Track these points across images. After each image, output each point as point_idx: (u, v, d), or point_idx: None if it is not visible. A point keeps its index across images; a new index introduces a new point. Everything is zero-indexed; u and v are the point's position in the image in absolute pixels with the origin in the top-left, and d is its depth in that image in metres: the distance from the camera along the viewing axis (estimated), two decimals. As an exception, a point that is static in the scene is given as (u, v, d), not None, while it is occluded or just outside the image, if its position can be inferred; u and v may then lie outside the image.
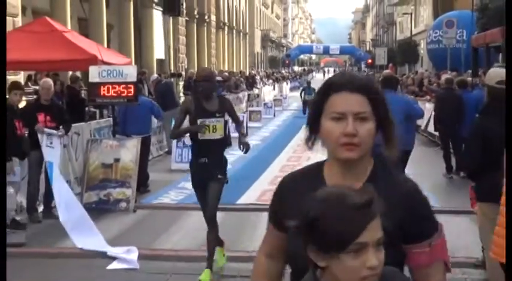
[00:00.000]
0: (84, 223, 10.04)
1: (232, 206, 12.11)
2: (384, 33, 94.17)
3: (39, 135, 10.64)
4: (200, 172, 7.84)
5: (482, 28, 27.61)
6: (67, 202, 10.39)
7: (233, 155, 18.86)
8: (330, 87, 2.52)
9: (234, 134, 22.16)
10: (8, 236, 9.95)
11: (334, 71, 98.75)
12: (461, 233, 9.25)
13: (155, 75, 25.19)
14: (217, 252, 8.01)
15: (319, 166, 2.72)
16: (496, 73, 7.01)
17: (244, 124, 24.79)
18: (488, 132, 5.81)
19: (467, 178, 7.61)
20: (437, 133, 16.87)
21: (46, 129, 10.74)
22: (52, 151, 10.71)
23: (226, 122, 8.15)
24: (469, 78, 18.63)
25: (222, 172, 8.00)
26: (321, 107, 2.52)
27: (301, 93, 29.49)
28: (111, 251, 9.09)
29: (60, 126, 11.05)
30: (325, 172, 2.63)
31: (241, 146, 8.51)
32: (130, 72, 13.29)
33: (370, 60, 74.43)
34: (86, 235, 9.71)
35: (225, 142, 8.54)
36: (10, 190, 10.72)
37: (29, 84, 20.32)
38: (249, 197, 13.04)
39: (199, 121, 7.96)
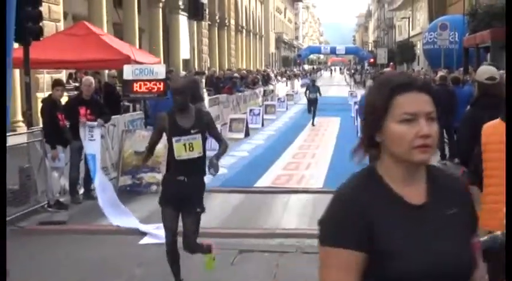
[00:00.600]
0: (119, 205, 10.17)
1: (249, 189, 12.23)
2: (384, 35, 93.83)
3: (81, 130, 10.69)
4: (176, 188, 6.49)
5: (472, 30, 27.59)
6: (104, 187, 10.51)
7: (251, 144, 19.00)
8: (393, 89, 2.21)
9: (253, 126, 22.64)
10: (52, 215, 10.14)
11: (340, 69, 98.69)
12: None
13: (183, 73, 25.31)
14: (206, 257, 6.96)
15: (371, 175, 2.33)
16: (486, 70, 7.05)
17: (261, 116, 24.98)
18: (478, 123, 5.80)
19: (460, 164, 7.62)
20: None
21: (88, 123, 10.82)
22: (93, 143, 10.78)
23: (205, 138, 6.71)
24: (461, 76, 18.63)
25: (200, 204, 6.65)
26: (383, 110, 2.19)
27: (305, 92, 27.59)
28: (143, 228, 9.20)
29: (98, 119, 11.11)
30: (386, 179, 2.27)
31: (210, 167, 6.73)
32: (160, 71, 13.36)
33: (372, 60, 74.25)
34: (121, 215, 9.83)
35: (205, 159, 6.88)
36: (55, 174, 10.89)
37: (70, 81, 20.44)
38: (265, 180, 13.06)
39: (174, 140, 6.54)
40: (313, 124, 24.07)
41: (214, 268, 6.93)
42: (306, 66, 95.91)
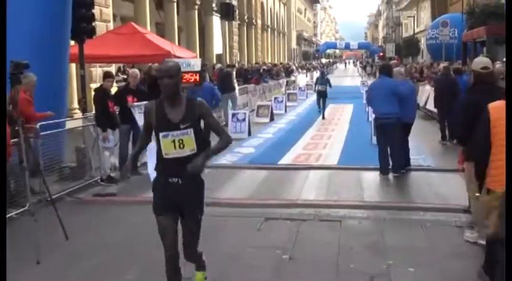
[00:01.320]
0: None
1: (274, 166, 12.22)
2: (392, 32, 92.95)
3: (133, 110, 10.86)
4: (171, 193, 4.98)
5: (470, 27, 27.42)
6: (153, 160, 10.61)
7: (275, 127, 19.03)
8: None
9: (277, 111, 22.68)
10: (104, 188, 10.30)
11: (353, 62, 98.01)
12: (452, 187, 9.17)
13: (219, 65, 25.36)
14: (199, 274, 5.44)
15: None
16: (480, 61, 7.07)
17: (284, 103, 24.98)
18: (475, 106, 5.82)
19: (457, 144, 7.64)
20: (435, 110, 16.65)
21: (135, 103, 10.98)
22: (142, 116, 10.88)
23: (199, 131, 4.97)
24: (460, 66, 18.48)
25: (201, 208, 5.24)
26: None
27: (315, 84, 24.46)
28: None
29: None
30: None
31: (191, 165, 4.86)
32: (196, 64, 13.38)
33: (381, 54, 73.63)
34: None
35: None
36: (106, 153, 11.04)
37: (119, 74, 20.61)
38: (287, 158, 13.02)
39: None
40: (323, 117, 21.48)
41: None
42: (324, 60, 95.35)
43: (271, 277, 5.90)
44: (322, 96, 22.41)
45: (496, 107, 5.12)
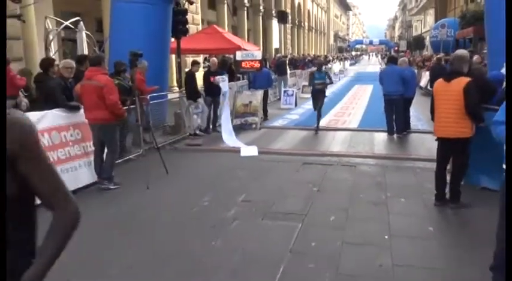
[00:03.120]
0: (232, 134, 10.50)
1: (311, 127, 12.14)
2: (405, 32, 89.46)
3: (217, 83, 10.89)
4: None
5: (462, 28, 26.43)
6: (225, 121, 10.84)
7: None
8: None
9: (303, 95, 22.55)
10: (193, 140, 10.56)
11: (376, 54, 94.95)
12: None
13: (279, 55, 25.29)
14: None
15: None
16: (460, 52, 6.90)
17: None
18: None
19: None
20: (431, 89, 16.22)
21: (218, 77, 10.99)
22: (224, 83, 10.93)
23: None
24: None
25: None
26: None
27: (310, 79, 12.29)
28: (245, 146, 9.44)
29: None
30: None
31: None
32: (258, 54, 13.43)
33: (396, 48, 70.93)
34: (232, 140, 10.17)
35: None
36: (195, 116, 11.24)
37: (205, 62, 20.82)
38: (322, 123, 12.80)
39: None
40: (316, 131, 11.43)
41: None
42: (353, 53, 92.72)
43: (304, 203, 6.00)
44: (319, 96, 11.85)
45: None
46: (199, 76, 11.75)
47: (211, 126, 11.58)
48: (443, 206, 5.75)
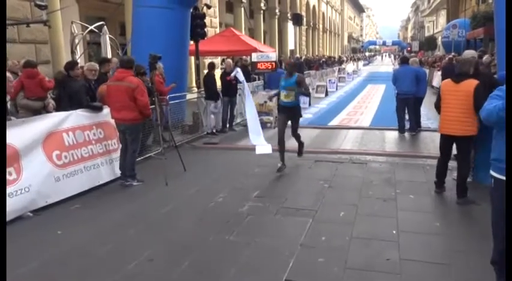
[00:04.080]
0: (259, 130, 10.22)
1: (325, 126, 12.20)
2: (417, 33, 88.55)
3: (236, 77, 10.13)
4: None
5: (473, 28, 25.99)
6: (252, 117, 10.63)
7: (328, 100, 18.84)
8: None
9: (330, 89, 22.41)
10: (210, 139, 10.54)
11: (389, 55, 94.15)
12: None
13: (296, 56, 25.27)
14: None
15: None
16: (469, 52, 6.91)
17: (335, 84, 24.54)
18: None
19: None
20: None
21: (232, 75, 10.77)
22: (239, 75, 10.83)
23: None
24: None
25: None
26: None
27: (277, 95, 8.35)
28: (262, 143, 9.33)
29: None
30: None
31: None
32: (273, 56, 13.39)
33: (409, 48, 70.22)
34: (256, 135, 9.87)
35: None
36: (212, 116, 11.25)
37: (223, 63, 20.81)
38: (335, 121, 12.94)
39: None
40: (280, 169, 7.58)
41: None
42: (367, 53, 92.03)
43: (315, 199, 6.01)
44: (288, 115, 7.79)
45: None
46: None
47: (227, 126, 11.59)
48: (449, 203, 5.71)
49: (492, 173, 3.15)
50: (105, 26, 12.83)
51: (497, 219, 3.14)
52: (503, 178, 2.99)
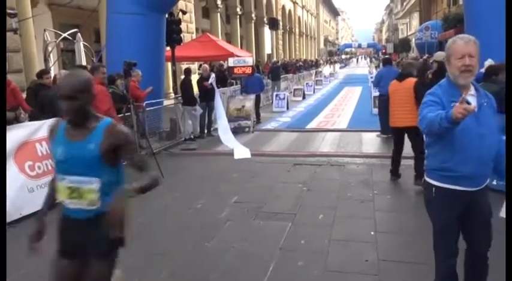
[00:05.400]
0: (230, 137, 10.40)
1: (303, 129, 12.25)
2: (392, 35, 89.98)
3: (212, 86, 11.01)
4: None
5: (445, 30, 26.55)
6: (223, 126, 10.78)
7: (306, 103, 18.91)
8: None
9: (307, 92, 22.53)
10: (188, 145, 10.46)
11: (364, 57, 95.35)
12: (424, 142, 9.10)
13: (274, 60, 25.32)
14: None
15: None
16: (441, 54, 7.32)
17: (313, 87, 24.69)
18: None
19: None
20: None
21: (209, 82, 11.02)
22: (218, 97, 10.97)
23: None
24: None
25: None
26: None
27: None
28: (239, 147, 9.42)
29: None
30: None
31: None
32: (250, 60, 13.49)
33: (384, 50, 71.26)
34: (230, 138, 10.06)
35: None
36: (189, 121, 11.16)
37: (200, 69, 20.79)
38: (313, 124, 13.02)
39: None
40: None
41: None
42: (343, 56, 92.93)
43: (294, 202, 6.02)
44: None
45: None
46: (194, 83, 11.74)
47: (205, 131, 11.55)
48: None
49: (432, 182, 2.91)
50: (78, 33, 12.65)
51: (440, 232, 2.97)
52: (447, 186, 2.84)
